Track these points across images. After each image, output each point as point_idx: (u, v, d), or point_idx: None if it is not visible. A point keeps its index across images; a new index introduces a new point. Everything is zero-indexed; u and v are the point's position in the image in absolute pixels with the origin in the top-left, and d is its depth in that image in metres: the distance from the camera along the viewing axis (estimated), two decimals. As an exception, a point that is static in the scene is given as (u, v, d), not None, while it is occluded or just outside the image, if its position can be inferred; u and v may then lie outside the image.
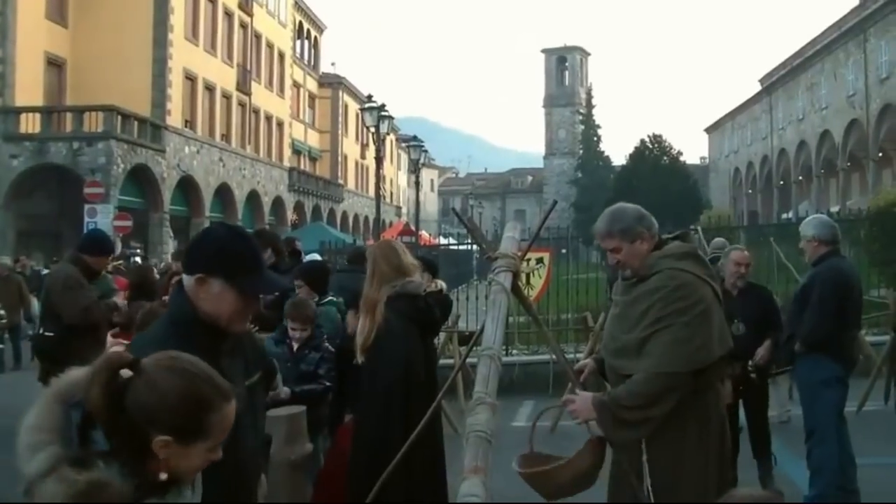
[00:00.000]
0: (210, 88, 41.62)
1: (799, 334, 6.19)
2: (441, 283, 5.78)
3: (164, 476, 1.88)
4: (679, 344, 3.62)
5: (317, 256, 10.56)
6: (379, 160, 27.08)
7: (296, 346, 5.73)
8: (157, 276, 9.56)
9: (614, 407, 3.68)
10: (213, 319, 2.72)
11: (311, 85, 61.62)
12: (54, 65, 34.84)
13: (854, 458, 6.28)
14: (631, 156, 54.20)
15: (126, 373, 1.89)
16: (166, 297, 7.79)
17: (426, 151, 36.01)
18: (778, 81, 64.54)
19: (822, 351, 6.11)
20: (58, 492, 1.74)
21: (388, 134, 30.21)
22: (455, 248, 23.45)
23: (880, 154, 45.73)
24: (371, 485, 4.07)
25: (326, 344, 5.89)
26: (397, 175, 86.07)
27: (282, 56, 52.77)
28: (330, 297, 6.81)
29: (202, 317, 2.72)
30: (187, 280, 2.76)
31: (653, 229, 3.92)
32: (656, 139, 54.22)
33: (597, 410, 3.73)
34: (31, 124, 31.71)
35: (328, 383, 5.72)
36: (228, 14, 43.88)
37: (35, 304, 14.93)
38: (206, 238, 2.90)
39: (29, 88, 32.70)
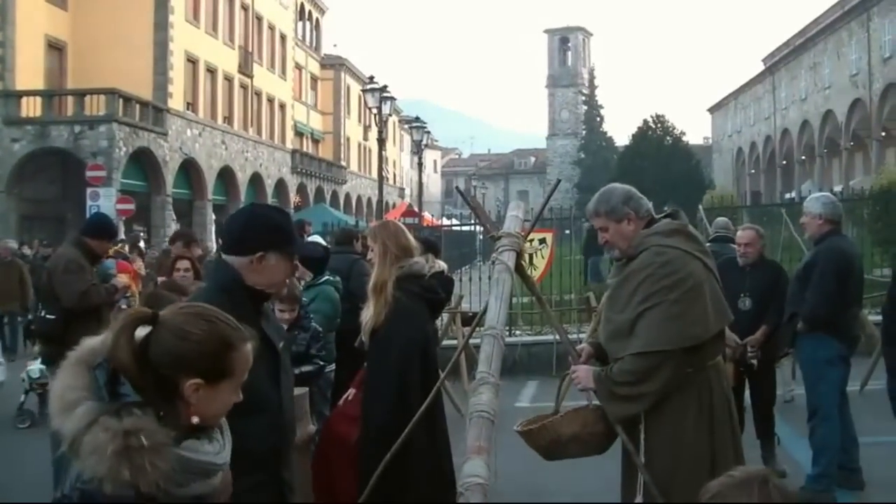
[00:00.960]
0: (212, 71, 41.50)
1: (801, 313, 6.19)
2: (442, 264, 5.78)
3: (195, 420, 2.01)
4: (669, 321, 3.62)
5: (318, 238, 10.54)
6: (381, 142, 27.03)
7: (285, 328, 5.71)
8: (154, 258, 9.54)
9: (608, 381, 3.72)
10: (263, 287, 3.08)
11: (314, 67, 61.42)
12: (55, 48, 34.72)
13: (856, 438, 6.30)
14: (634, 136, 54.02)
15: (145, 329, 2.02)
16: (162, 279, 7.80)
17: (429, 133, 35.95)
18: (781, 61, 64.22)
19: (824, 330, 6.10)
20: (103, 440, 1.83)
21: (390, 115, 30.14)
22: (458, 228, 23.44)
23: (883, 133, 45.55)
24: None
25: (314, 324, 5.90)
26: (400, 156, 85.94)
27: (283, 38, 52.57)
28: (327, 277, 6.82)
29: (246, 284, 3.04)
30: (238, 259, 3.07)
31: (641, 210, 3.90)
32: (659, 119, 54.05)
33: (595, 383, 3.78)
34: (32, 108, 31.61)
35: (321, 362, 5.73)
36: (229, -4, 43.70)
37: (32, 292, 14.53)
38: (255, 219, 3.21)
39: (29, 72, 32.60)
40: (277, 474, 3.08)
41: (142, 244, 19.82)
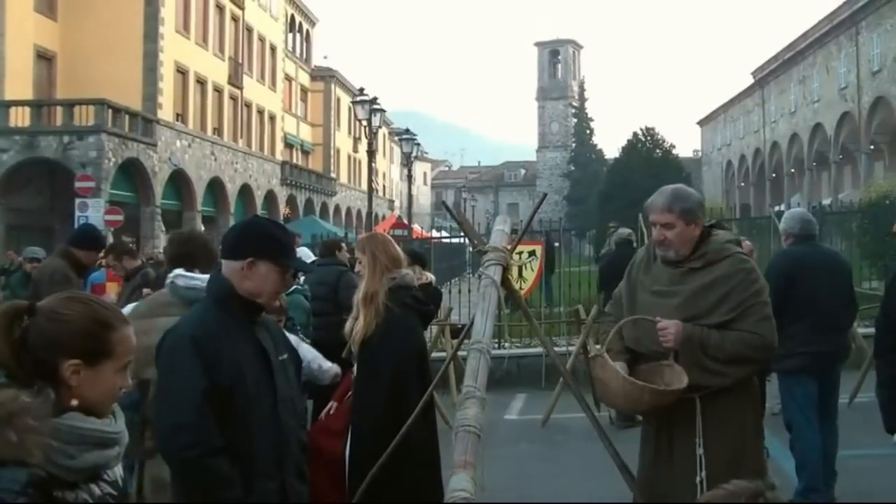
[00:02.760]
0: (201, 82, 41.45)
1: None
2: (430, 276, 5.77)
3: (75, 402, 2.02)
4: (767, 321, 3.73)
5: (307, 250, 10.52)
6: (371, 153, 27.02)
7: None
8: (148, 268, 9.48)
9: (699, 347, 3.68)
10: (254, 296, 3.15)
11: (304, 78, 61.43)
12: (44, 58, 34.65)
13: (832, 458, 6.28)
14: (624, 149, 54.08)
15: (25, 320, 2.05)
16: (148, 291, 7.76)
17: (418, 145, 35.94)
18: (770, 74, 64.58)
19: (784, 343, 6.11)
20: None
21: (380, 127, 30.15)
22: (448, 241, 23.43)
23: (872, 147, 45.77)
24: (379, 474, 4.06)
25: (300, 334, 5.90)
26: (390, 168, 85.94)
27: (273, 49, 52.57)
28: (295, 286, 6.85)
29: (241, 294, 3.13)
30: (230, 264, 3.18)
31: (704, 220, 3.93)
32: (649, 132, 54.11)
33: (683, 345, 3.69)
34: (20, 118, 31.48)
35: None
36: (220, 7, 43.66)
37: None
38: (250, 228, 3.37)
39: (18, 82, 32.51)
40: (283, 482, 3.14)
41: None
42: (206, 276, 4.25)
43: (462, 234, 17.39)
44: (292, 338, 5.22)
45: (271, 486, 3.08)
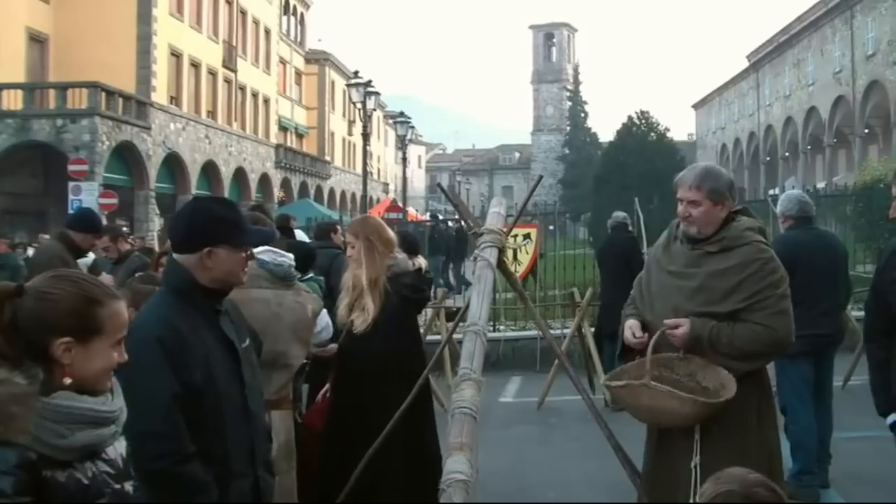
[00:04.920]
0: (195, 65, 41.29)
1: None
2: (421, 262, 5.76)
3: (68, 381, 2.02)
4: (783, 315, 3.66)
5: (303, 235, 10.49)
6: (366, 136, 26.96)
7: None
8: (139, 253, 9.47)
9: (708, 345, 3.64)
10: (222, 283, 3.04)
11: (298, 61, 61.19)
12: (36, 41, 34.47)
13: (825, 440, 6.33)
14: (618, 132, 53.83)
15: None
16: (140, 275, 7.75)
17: (413, 128, 35.88)
18: (765, 58, 64.47)
19: None
20: None
21: (374, 110, 30.06)
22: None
23: (866, 130, 45.77)
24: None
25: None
26: (385, 152, 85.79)
27: (268, 32, 52.36)
28: (311, 275, 6.79)
29: (200, 283, 2.99)
30: (188, 257, 3.01)
31: (734, 204, 3.86)
32: (643, 116, 53.87)
33: (692, 343, 3.65)
34: (13, 101, 31.34)
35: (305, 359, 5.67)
36: (213, -11, 43.48)
37: None
38: (198, 214, 3.13)
39: (10, 65, 32.35)
40: (255, 479, 3.05)
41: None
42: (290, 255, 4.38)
43: (456, 216, 17.41)
44: (324, 317, 5.22)
45: (245, 484, 2.99)
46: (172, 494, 2.71)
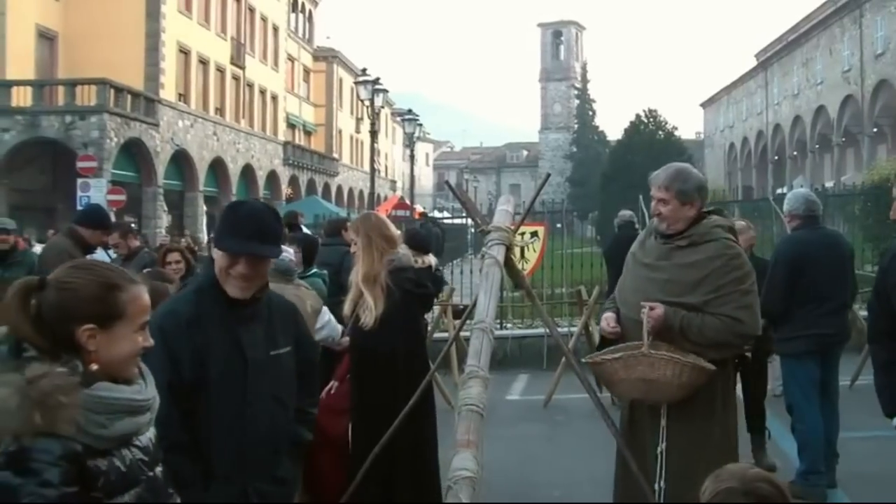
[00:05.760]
0: (204, 62, 41.32)
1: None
2: (432, 260, 5.77)
3: (95, 367, 2.07)
4: (747, 309, 3.82)
5: (306, 231, 10.53)
6: (374, 134, 26.97)
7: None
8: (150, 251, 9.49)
9: (678, 332, 3.77)
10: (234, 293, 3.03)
11: (306, 59, 61.19)
12: (46, 38, 34.53)
13: (831, 440, 6.32)
14: (626, 130, 53.86)
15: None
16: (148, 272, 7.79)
17: (421, 125, 35.85)
18: (773, 56, 64.33)
19: (787, 326, 6.17)
20: (5, 394, 1.88)
21: (382, 108, 30.09)
22: (450, 222, 23.40)
23: (875, 129, 45.66)
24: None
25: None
26: (392, 149, 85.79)
27: (276, 29, 52.37)
28: (315, 269, 6.81)
29: (223, 286, 3.02)
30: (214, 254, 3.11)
31: (704, 202, 4.08)
32: (651, 114, 53.87)
33: (663, 327, 3.78)
34: (22, 98, 31.38)
35: None
36: (222, -13, 43.50)
37: None
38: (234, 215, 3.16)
39: (20, 61, 32.42)
40: (244, 486, 3.01)
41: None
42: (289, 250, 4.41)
43: (464, 214, 17.40)
44: (325, 314, 5.24)
45: (230, 489, 2.96)
46: None
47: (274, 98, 51.85)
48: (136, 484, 2.10)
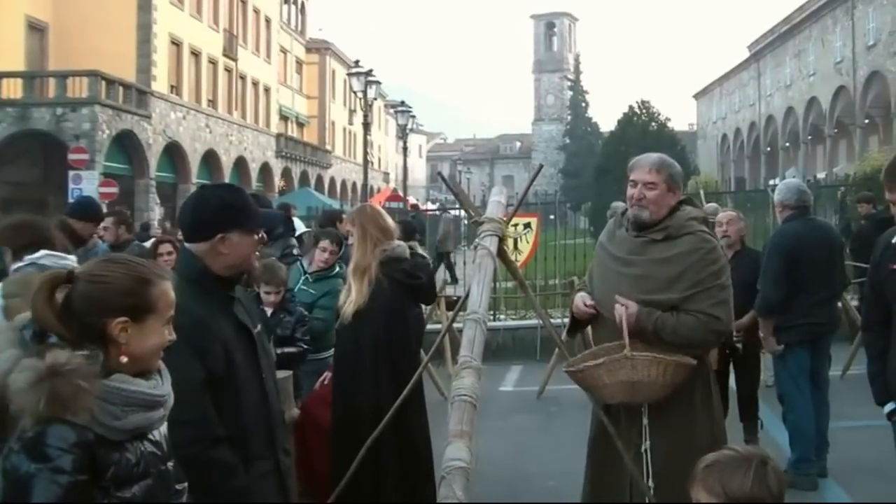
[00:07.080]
0: (196, 54, 41.22)
1: (756, 301, 6.31)
2: (416, 246, 5.76)
3: (124, 359, 2.12)
4: (724, 305, 3.74)
5: (301, 224, 10.52)
6: (367, 126, 26.95)
7: (269, 311, 5.62)
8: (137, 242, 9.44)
9: (653, 333, 3.67)
10: (236, 269, 3.07)
11: (299, 50, 61.08)
12: (36, 29, 34.40)
13: (822, 429, 6.36)
14: (619, 122, 53.88)
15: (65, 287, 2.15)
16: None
17: (414, 117, 35.86)
18: (766, 48, 64.38)
19: (780, 315, 6.20)
20: (25, 378, 1.93)
21: (375, 100, 30.03)
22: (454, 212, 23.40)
23: (867, 121, 45.74)
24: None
25: (299, 308, 5.85)
26: (385, 141, 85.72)
27: (268, 21, 52.26)
28: (338, 269, 6.76)
29: (212, 271, 3.01)
30: (199, 245, 3.03)
31: (681, 194, 3.97)
32: (644, 105, 53.87)
33: (636, 327, 3.66)
34: (12, 89, 31.30)
35: (305, 346, 5.66)
36: (214, -22, 43.37)
37: None
38: (205, 203, 3.12)
39: (10, 53, 32.30)
40: (276, 461, 3.10)
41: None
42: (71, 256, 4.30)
43: (457, 206, 17.42)
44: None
45: (267, 466, 3.03)
46: (205, 477, 2.75)
47: (266, 90, 51.77)
48: (146, 476, 2.13)
